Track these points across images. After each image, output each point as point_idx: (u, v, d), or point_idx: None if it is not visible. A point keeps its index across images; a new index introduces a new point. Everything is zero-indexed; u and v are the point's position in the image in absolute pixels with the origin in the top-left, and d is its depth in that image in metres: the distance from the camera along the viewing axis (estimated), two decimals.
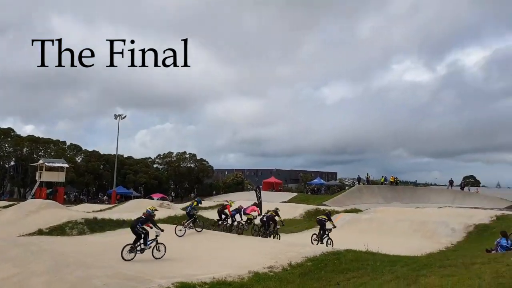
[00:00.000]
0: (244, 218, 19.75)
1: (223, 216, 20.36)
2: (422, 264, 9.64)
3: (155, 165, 75.44)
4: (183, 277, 9.56)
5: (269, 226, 19.24)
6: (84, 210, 30.45)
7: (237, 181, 74.10)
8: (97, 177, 67.47)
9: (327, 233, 18.60)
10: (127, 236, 18.25)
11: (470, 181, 71.25)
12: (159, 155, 77.01)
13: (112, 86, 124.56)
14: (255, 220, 19.56)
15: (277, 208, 20.42)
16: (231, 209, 20.30)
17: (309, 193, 57.80)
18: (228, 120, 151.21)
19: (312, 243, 17.58)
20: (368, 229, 23.05)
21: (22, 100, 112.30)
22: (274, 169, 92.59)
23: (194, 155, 76.29)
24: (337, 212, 30.97)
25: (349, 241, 16.49)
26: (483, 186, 65.08)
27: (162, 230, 13.47)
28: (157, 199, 47.07)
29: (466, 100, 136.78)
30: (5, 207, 34.06)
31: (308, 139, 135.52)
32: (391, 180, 51.81)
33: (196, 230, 18.00)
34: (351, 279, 9.67)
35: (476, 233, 20.04)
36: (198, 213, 18.81)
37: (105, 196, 62.07)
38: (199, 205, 19.66)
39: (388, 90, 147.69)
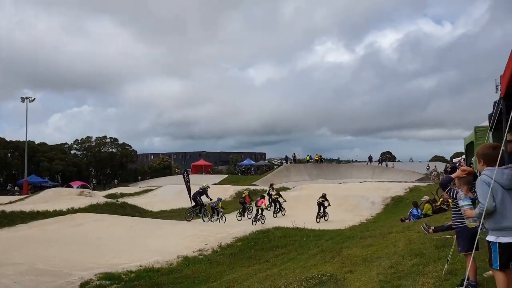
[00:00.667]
0: (255, 209, 21.73)
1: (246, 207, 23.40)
2: (345, 237, 10.20)
3: (72, 151, 70.54)
4: (108, 267, 9.08)
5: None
6: None
7: (164, 165, 72.31)
8: (4, 167, 61.20)
9: (326, 211, 20.45)
10: (42, 228, 16.89)
11: (387, 157, 77.39)
12: (76, 140, 72.10)
13: (16, 66, 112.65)
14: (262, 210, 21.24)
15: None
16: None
17: (239, 174, 58.43)
18: (153, 102, 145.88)
19: (317, 222, 19.11)
20: (296, 205, 23.92)
21: None
22: (203, 152, 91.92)
23: (116, 140, 72.71)
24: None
25: (277, 218, 16.97)
26: (398, 161, 70.88)
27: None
28: (77, 187, 44.12)
29: (383, 80, 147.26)
30: None
31: (236, 120, 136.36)
32: (316, 158, 54.27)
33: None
34: (279, 256, 9.93)
35: (393, 205, 21.84)
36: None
37: (16, 187, 56.63)
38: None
39: (311, 71, 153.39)
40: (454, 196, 3.95)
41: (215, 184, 43.68)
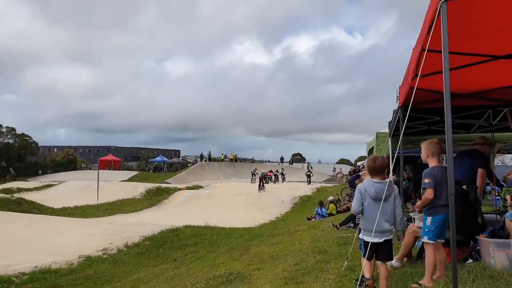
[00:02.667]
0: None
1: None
2: (254, 235, 10.47)
3: None
4: None
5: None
6: None
7: (69, 159, 66.93)
8: None
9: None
10: None
11: (297, 158, 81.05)
12: None
13: None
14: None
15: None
16: None
17: (150, 171, 56.46)
18: (57, 90, 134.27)
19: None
20: (209, 204, 23.89)
21: None
22: (112, 146, 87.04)
23: (13, 129, 65.47)
24: (179, 189, 31.16)
25: (189, 217, 16.75)
26: (308, 162, 74.65)
27: None
28: None
29: (297, 84, 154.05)
30: None
31: (150, 114, 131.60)
32: (230, 157, 54.74)
33: None
34: (188, 254, 9.85)
35: (301, 204, 22.91)
36: None
37: None
38: None
39: (229, 69, 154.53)
40: None
41: (123, 180, 41.76)
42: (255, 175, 36.50)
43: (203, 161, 53.95)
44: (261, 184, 29.83)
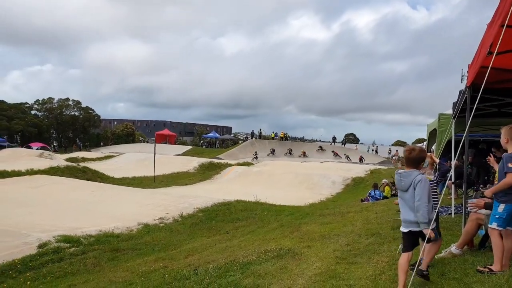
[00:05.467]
0: None
1: None
2: (304, 213, 10.50)
3: (33, 112, 67.21)
4: (67, 230, 8.92)
5: None
6: None
7: (128, 132, 70.51)
8: None
9: None
10: (0, 188, 16.21)
11: (351, 138, 79.22)
12: (37, 100, 68.61)
13: None
14: None
15: None
16: None
17: (204, 146, 58.05)
18: (116, 65, 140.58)
19: None
20: (258, 181, 24.21)
21: None
22: (168, 121, 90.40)
23: (79, 103, 69.78)
24: (231, 165, 31.81)
25: (240, 192, 17.13)
26: (361, 143, 72.51)
27: None
28: (37, 149, 42.37)
29: (354, 61, 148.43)
30: None
31: (203, 91, 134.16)
32: (281, 135, 54.71)
33: None
34: (239, 228, 10.12)
35: (353, 185, 22.49)
36: None
37: None
38: None
39: (284, 45, 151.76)
40: None
41: (178, 154, 43.31)
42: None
43: (253, 138, 54.43)
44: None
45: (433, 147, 9.74)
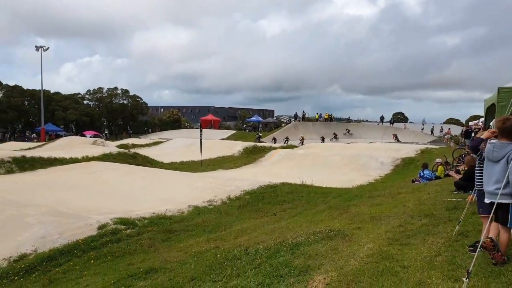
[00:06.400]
0: None
1: None
2: (352, 195, 10.33)
3: (85, 101, 70.84)
4: (122, 213, 9.40)
5: None
6: (11, 148, 28.23)
7: (174, 118, 72.52)
8: (22, 114, 62.06)
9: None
10: (60, 174, 17.42)
11: (399, 117, 76.32)
12: (88, 90, 72.18)
13: (22, 10, 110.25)
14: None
15: None
16: None
17: (247, 130, 58.52)
18: (160, 53, 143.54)
19: None
20: (303, 163, 24.09)
21: None
22: (212, 107, 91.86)
23: (127, 91, 72.57)
24: (274, 148, 31.88)
25: (285, 175, 17.18)
26: (411, 122, 69.47)
27: None
28: (90, 137, 44.79)
29: (402, 36, 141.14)
30: None
31: (245, 75, 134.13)
32: (325, 117, 53.82)
33: None
34: (287, 210, 10.16)
35: (403, 166, 21.71)
36: None
37: (34, 134, 57.70)
38: None
39: (328, 23, 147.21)
40: (483, 158, 3.92)
41: (222, 139, 43.98)
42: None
43: (297, 120, 54.01)
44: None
45: (492, 123, 9.17)
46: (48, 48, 54.42)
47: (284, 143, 38.39)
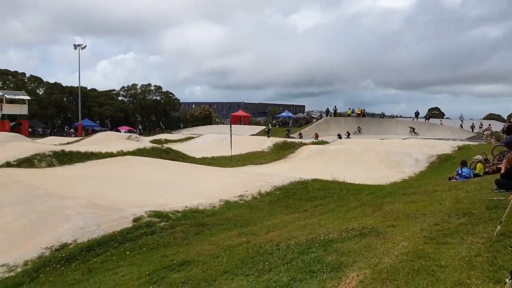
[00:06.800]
0: None
1: None
2: (386, 192, 10.10)
3: (120, 98, 73.00)
4: (156, 206, 9.64)
5: None
6: (51, 143, 29.60)
7: (205, 114, 73.49)
8: (61, 110, 64.98)
9: None
10: (97, 168, 18.09)
11: (435, 113, 73.87)
12: (123, 87, 74.30)
13: (61, 10, 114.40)
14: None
15: None
16: None
17: (277, 126, 58.40)
18: (192, 50, 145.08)
19: None
20: (335, 160, 23.80)
21: None
22: (242, 103, 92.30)
23: (160, 88, 74.20)
24: (305, 144, 31.67)
25: (316, 171, 17.02)
26: (447, 117, 67.08)
27: None
28: (125, 132, 46.17)
29: (438, 28, 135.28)
30: None
31: (276, 70, 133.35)
32: (358, 112, 52.78)
33: None
34: (318, 207, 10.08)
35: (439, 163, 20.97)
36: None
37: (72, 129, 60.22)
38: None
39: (361, 16, 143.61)
40: None
41: (252, 135, 44.13)
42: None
43: (328, 116, 53.33)
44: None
45: None
46: (85, 46, 56.39)
47: (315, 139, 38.04)
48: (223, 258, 5.55)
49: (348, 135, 41.04)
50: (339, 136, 39.76)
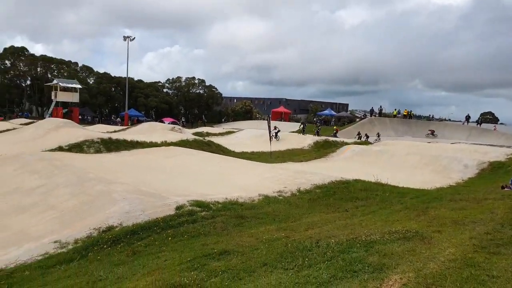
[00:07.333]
0: None
1: None
2: (432, 197, 9.75)
3: (164, 90, 75.17)
4: (198, 196, 9.86)
5: None
6: (99, 131, 31.07)
7: (246, 109, 74.06)
8: (109, 99, 68.09)
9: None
10: (142, 156, 18.79)
11: (488, 118, 69.96)
12: (168, 79, 76.47)
13: (112, 3, 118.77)
14: None
15: None
16: None
17: (318, 123, 57.75)
18: (235, 44, 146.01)
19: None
20: (378, 161, 23.21)
21: (23, 15, 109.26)
22: (284, 99, 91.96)
23: (203, 81, 75.60)
24: (347, 143, 31.10)
25: (358, 171, 16.69)
26: (502, 123, 63.28)
27: None
28: (168, 123, 47.51)
29: (498, 26, 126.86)
30: (25, 124, 35.11)
31: (320, 67, 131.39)
32: (404, 113, 51.06)
33: None
34: (359, 207, 9.89)
35: (490, 170, 19.78)
36: None
37: (118, 118, 62.90)
38: None
39: (413, 14, 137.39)
40: None
41: (293, 132, 43.90)
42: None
43: (372, 116, 52.02)
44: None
45: None
46: (134, 38, 58.57)
47: (358, 139, 37.23)
48: (262, 251, 5.59)
49: (378, 135, 39.81)
50: (366, 136, 38.72)
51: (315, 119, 62.42)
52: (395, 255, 4.66)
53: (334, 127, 45.12)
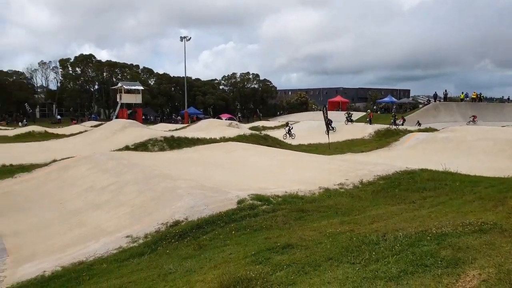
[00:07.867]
0: None
1: None
2: (510, 186, 8.97)
3: (221, 87, 76.76)
4: (257, 189, 9.95)
5: None
6: (162, 129, 32.57)
7: (301, 101, 73.36)
8: (169, 99, 71.11)
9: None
10: (203, 152, 19.40)
11: None
12: (224, 76, 77.95)
13: (168, 5, 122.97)
14: None
15: None
16: None
17: (378, 112, 55.64)
18: (289, 36, 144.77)
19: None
20: (445, 149, 21.85)
21: (90, 24, 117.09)
22: (340, 88, 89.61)
23: (258, 76, 76.04)
24: (410, 131, 29.69)
25: (423, 160, 15.86)
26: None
27: None
28: (226, 119, 48.54)
29: None
30: (95, 126, 37.99)
31: (378, 52, 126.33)
32: (473, 96, 47.50)
33: None
34: (427, 198, 9.38)
35: None
36: None
37: (179, 117, 65.50)
38: None
39: None
40: None
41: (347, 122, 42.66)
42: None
43: (437, 101, 49.06)
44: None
45: None
46: (190, 38, 60.44)
47: (418, 126, 35.35)
48: (326, 245, 5.50)
49: (419, 123, 37.37)
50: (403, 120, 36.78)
51: (374, 107, 60.21)
52: (470, 248, 4.35)
53: (392, 115, 43.01)
